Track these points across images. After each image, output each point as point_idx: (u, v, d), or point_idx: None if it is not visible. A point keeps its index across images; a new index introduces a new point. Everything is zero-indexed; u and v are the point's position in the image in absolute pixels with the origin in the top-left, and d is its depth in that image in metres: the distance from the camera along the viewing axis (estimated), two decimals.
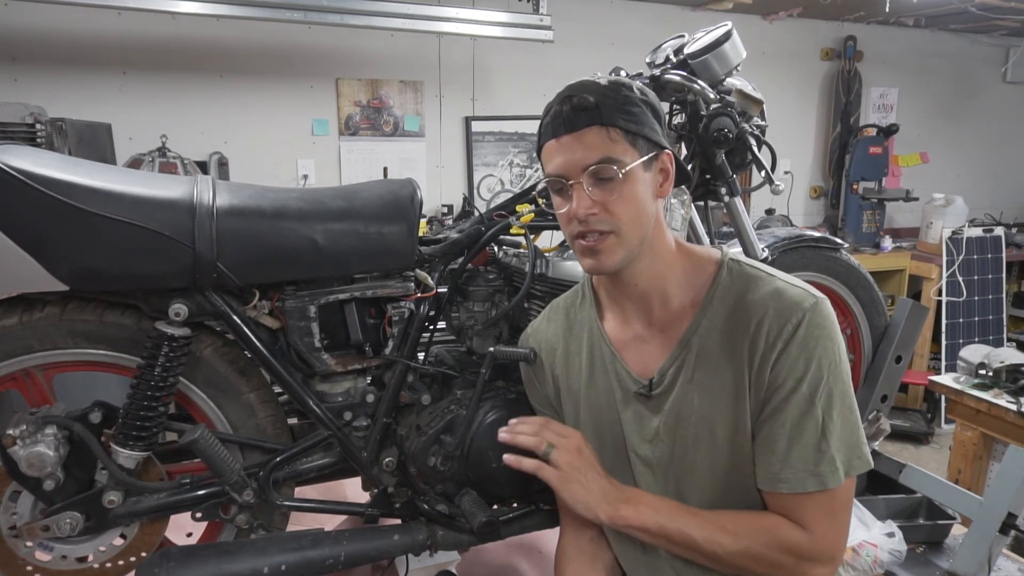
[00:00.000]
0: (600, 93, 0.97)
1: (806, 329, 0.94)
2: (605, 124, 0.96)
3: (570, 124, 0.97)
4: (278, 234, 1.19)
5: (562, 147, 0.98)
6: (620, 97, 0.97)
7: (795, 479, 0.95)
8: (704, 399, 1.01)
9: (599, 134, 0.96)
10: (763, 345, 0.95)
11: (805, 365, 0.94)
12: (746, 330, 0.97)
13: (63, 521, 1.16)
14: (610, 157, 0.95)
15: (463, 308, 1.46)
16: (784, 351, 0.94)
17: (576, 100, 0.96)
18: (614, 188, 0.96)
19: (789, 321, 0.94)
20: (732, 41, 1.60)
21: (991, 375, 2.31)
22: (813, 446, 0.94)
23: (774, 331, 0.95)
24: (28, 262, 1.05)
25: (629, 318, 1.09)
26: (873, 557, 1.56)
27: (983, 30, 4.73)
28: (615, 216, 0.97)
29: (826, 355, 0.94)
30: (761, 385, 0.97)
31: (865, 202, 4.37)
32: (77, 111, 2.74)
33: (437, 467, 1.31)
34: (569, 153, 0.97)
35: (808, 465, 0.94)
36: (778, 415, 0.96)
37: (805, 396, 0.94)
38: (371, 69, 3.48)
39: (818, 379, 0.94)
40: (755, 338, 0.96)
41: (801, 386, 0.94)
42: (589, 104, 0.96)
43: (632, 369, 1.07)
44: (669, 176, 1.04)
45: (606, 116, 0.96)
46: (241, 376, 1.28)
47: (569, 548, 1.19)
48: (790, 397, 0.95)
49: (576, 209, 0.97)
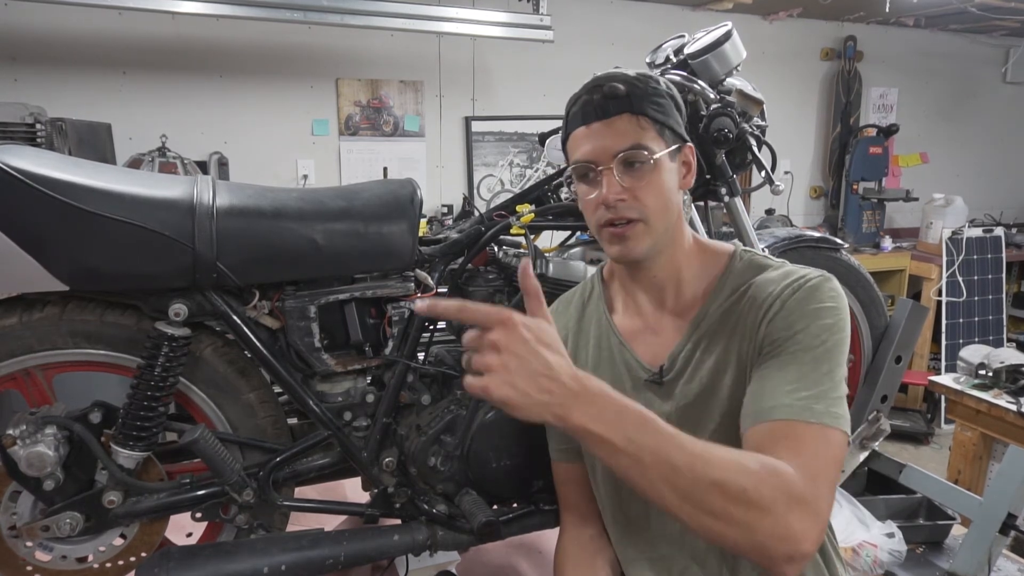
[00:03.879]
0: (630, 83, 0.99)
1: (806, 291, 0.94)
2: (635, 112, 0.98)
3: (601, 111, 0.98)
4: (278, 234, 1.19)
5: (592, 134, 0.99)
6: (649, 88, 0.99)
7: (790, 408, 0.87)
8: (715, 380, 1.01)
9: (630, 121, 0.98)
10: (764, 308, 0.96)
11: (802, 320, 0.92)
12: (755, 304, 0.98)
13: (63, 521, 1.16)
14: (641, 144, 0.97)
15: None
16: (782, 308, 0.94)
17: (607, 88, 0.98)
18: (643, 175, 0.98)
19: (791, 285, 0.95)
20: (732, 41, 1.60)
21: (991, 375, 2.31)
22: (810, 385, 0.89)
23: (775, 295, 0.96)
24: (28, 262, 1.05)
25: (641, 309, 1.10)
26: (873, 557, 1.56)
27: (983, 30, 4.73)
28: (643, 203, 0.98)
29: (828, 315, 0.92)
30: (760, 343, 0.95)
31: (865, 202, 4.37)
32: (77, 111, 2.74)
33: (437, 467, 1.31)
34: (600, 140, 0.98)
35: (804, 400, 0.88)
36: (771, 360, 0.93)
37: (801, 345, 0.91)
38: (371, 69, 3.48)
39: (816, 335, 0.91)
40: (762, 311, 0.96)
41: (797, 336, 0.92)
42: (620, 92, 0.97)
43: (642, 358, 1.08)
44: (691, 169, 1.06)
45: (636, 104, 0.98)
46: (241, 376, 1.28)
47: (569, 547, 1.19)
48: (785, 344, 0.92)
49: (606, 195, 0.98)
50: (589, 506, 1.18)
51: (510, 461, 1.33)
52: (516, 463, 1.34)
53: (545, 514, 1.39)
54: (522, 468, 1.34)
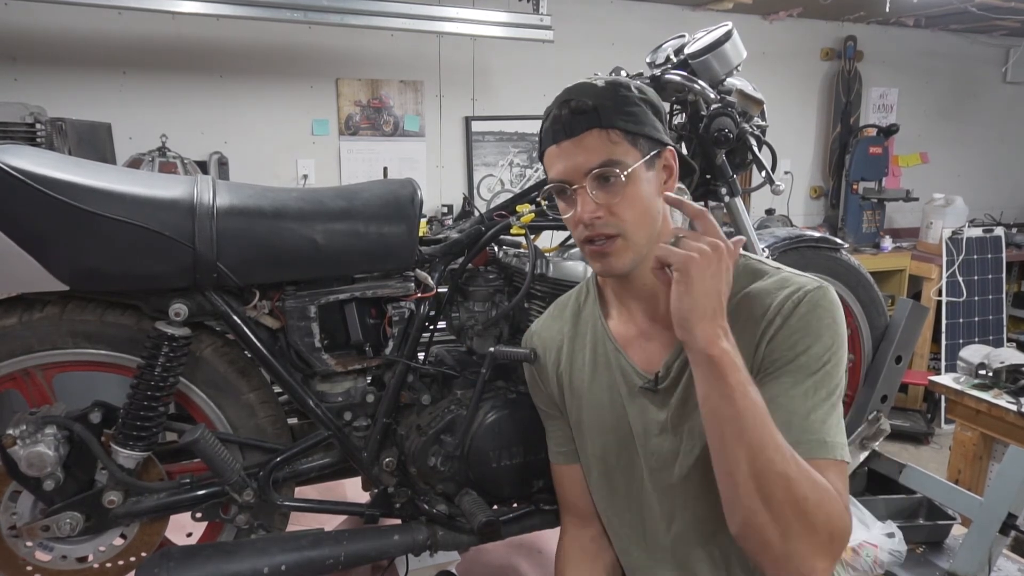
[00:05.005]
0: (597, 95, 0.97)
1: (807, 306, 0.93)
2: (604, 126, 0.96)
3: (569, 129, 0.97)
4: (278, 234, 1.19)
5: (563, 152, 0.98)
6: (618, 98, 0.97)
7: (808, 446, 0.88)
8: None
9: (599, 137, 0.96)
10: (764, 324, 0.95)
11: (805, 340, 0.92)
12: (751, 316, 0.97)
13: (63, 521, 1.16)
14: (611, 160, 0.95)
15: (463, 308, 1.46)
16: (783, 325, 0.93)
17: (574, 104, 0.96)
18: (617, 191, 0.96)
19: (790, 299, 0.94)
20: (732, 41, 1.60)
21: (991, 375, 2.31)
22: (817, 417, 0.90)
23: (775, 309, 0.94)
24: (28, 262, 1.05)
25: (635, 315, 1.09)
26: (873, 557, 1.56)
27: (983, 30, 4.73)
28: (620, 218, 0.97)
29: (828, 334, 0.92)
30: (760, 362, 0.95)
31: (865, 202, 4.37)
32: (77, 111, 2.74)
33: (437, 467, 1.31)
34: (570, 158, 0.97)
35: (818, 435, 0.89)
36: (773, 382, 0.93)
37: (804, 368, 0.91)
38: (371, 69, 3.48)
39: (818, 357, 0.91)
40: (760, 321, 0.96)
41: (799, 358, 0.92)
42: (587, 107, 0.95)
43: (637, 365, 1.07)
44: (673, 173, 1.04)
45: (605, 118, 0.96)
46: (241, 376, 1.28)
47: (569, 548, 1.19)
48: (786, 366, 0.92)
49: (581, 214, 0.97)
50: (589, 507, 1.18)
51: (510, 461, 1.33)
52: (516, 463, 1.34)
53: (545, 514, 1.39)
54: (522, 468, 1.34)
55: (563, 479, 1.21)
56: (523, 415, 1.30)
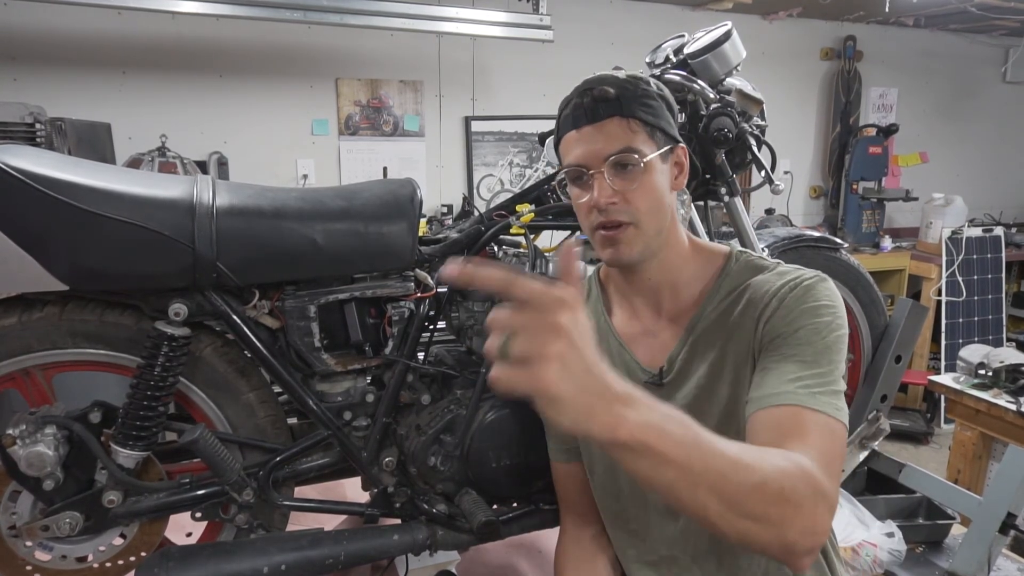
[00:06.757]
0: (620, 85, 0.99)
1: (803, 290, 0.95)
2: (625, 115, 0.98)
3: (592, 115, 0.98)
4: (278, 234, 1.19)
5: (583, 138, 0.99)
6: (639, 90, 0.99)
7: (794, 395, 0.86)
8: (712, 382, 1.01)
9: (620, 125, 0.98)
10: (761, 307, 0.96)
11: (801, 319, 0.92)
12: (751, 304, 0.98)
13: (63, 521, 1.16)
14: (631, 147, 0.97)
15: (463, 308, 1.46)
16: (780, 307, 0.95)
17: (597, 91, 0.98)
18: (635, 178, 0.98)
19: (787, 284, 0.96)
20: (732, 41, 1.60)
21: (991, 375, 2.31)
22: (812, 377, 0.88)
23: (771, 293, 0.96)
24: (28, 262, 1.05)
25: (638, 312, 1.10)
26: (873, 557, 1.57)
27: (983, 30, 4.73)
28: (634, 206, 0.98)
29: (826, 314, 0.92)
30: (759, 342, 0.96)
31: (865, 202, 4.37)
32: (77, 111, 2.74)
33: (437, 467, 1.31)
34: (590, 143, 0.99)
35: (807, 388, 0.87)
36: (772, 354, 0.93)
37: (802, 340, 0.91)
38: (371, 69, 3.48)
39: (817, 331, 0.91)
40: (758, 305, 0.97)
41: (799, 332, 0.92)
42: (610, 95, 0.97)
43: (642, 361, 1.08)
44: (684, 170, 1.05)
45: (626, 107, 0.98)
46: (241, 376, 1.28)
47: (569, 547, 1.19)
48: (786, 340, 0.92)
49: (597, 198, 0.98)
50: (589, 506, 1.18)
51: (510, 461, 1.33)
52: (516, 463, 1.34)
53: (545, 514, 1.39)
54: (522, 468, 1.34)
55: (563, 478, 1.21)
56: (523, 415, 1.30)
